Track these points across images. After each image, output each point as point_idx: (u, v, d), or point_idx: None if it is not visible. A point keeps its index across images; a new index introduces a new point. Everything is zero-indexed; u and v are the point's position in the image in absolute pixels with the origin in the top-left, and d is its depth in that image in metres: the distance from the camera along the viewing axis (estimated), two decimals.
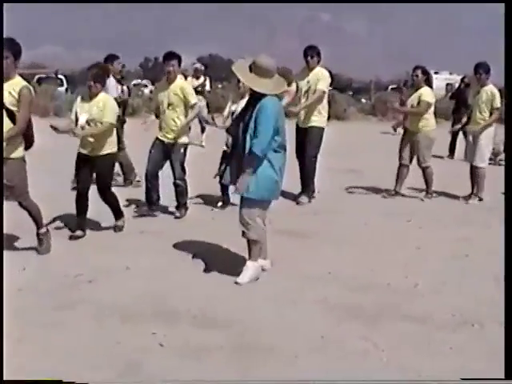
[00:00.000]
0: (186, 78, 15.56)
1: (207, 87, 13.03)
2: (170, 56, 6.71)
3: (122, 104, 7.93)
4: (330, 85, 8.15)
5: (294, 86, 7.71)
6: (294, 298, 4.42)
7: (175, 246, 5.62)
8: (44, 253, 5.25)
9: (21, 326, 3.77)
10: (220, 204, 7.33)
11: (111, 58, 8.17)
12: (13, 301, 4.03)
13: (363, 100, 27.64)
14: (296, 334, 3.82)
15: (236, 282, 4.64)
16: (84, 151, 5.84)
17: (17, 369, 3.23)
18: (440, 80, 31.81)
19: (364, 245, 5.91)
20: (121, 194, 6.61)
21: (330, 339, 3.76)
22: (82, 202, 5.88)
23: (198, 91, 12.86)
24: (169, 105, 6.65)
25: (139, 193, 7.35)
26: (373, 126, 20.09)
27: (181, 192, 6.87)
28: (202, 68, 13.64)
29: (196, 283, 4.68)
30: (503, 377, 3.16)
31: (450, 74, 37.26)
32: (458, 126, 9.54)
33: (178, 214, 6.84)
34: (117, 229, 6.15)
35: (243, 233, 4.73)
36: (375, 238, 6.17)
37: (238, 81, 6.13)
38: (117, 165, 6.84)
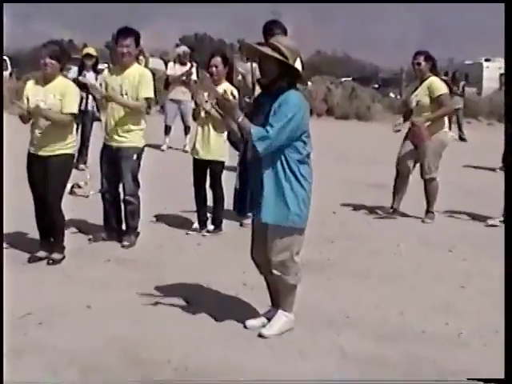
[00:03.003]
0: (166, 64, 15.72)
1: (193, 76, 13.09)
2: (124, 33, 6.54)
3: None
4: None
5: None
6: (302, 348, 4.44)
7: (149, 279, 5.64)
8: None
9: None
10: (211, 228, 7.33)
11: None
12: None
13: (392, 94, 27.79)
14: None
15: (260, 335, 4.58)
16: (32, 149, 5.89)
17: None
18: (492, 69, 31.64)
19: (392, 280, 5.93)
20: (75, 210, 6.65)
21: None
22: (42, 217, 5.94)
23: (183, 81, 12.95)
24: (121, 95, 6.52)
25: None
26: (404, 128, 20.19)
27: (131, 212, 6.77)
28: (188, 51, 13.72)
29: (176, 326, 4.69)
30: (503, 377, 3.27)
31: None
32: None
33: (125, 243, 6.68)
34: (50, 262, 6.01)
35: (277, 278, 4.57)
36: (407, 272, 6.20)
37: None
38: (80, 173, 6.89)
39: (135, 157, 6.62)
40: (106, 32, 74.06)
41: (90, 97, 10.18)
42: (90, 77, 10.62)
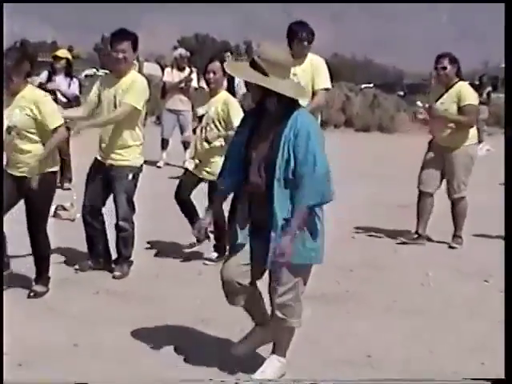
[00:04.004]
0: (163, 69, 15.78)
1: (194, 82, 13.13)
2: (119, 37, 6.50)
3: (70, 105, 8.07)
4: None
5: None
6: None
7: (142, 314, 5.65)
8: None
9: None
10: (214, 255, 7.34)
11: None
12: None
13: (419, 103, 27.76)
14: None
15: (251, 378, 4.58)
16: (12, 171, 5.91)
17: None
18: None
19: (420, 314, 5.93)
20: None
21: None
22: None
23: (182, 89, 13.01)
24: (115, 108, 6.52)
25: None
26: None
27: (124, 239, 6.77)
28: (188, 55, 13.76)
29: (170, 371, 4.69)
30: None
31: None
32: None
33: (116, 273, 6.70)
34: (31, 294, 6.00)
35: (280, 320, 4.53)
36: (436, 306, 6.20)
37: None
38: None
39: (131, 177, 6.58)
40: (96, 33, 74.74)
41: None
42: (59, 81, 10.63)
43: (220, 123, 7.02)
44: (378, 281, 6.85)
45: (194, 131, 7.34)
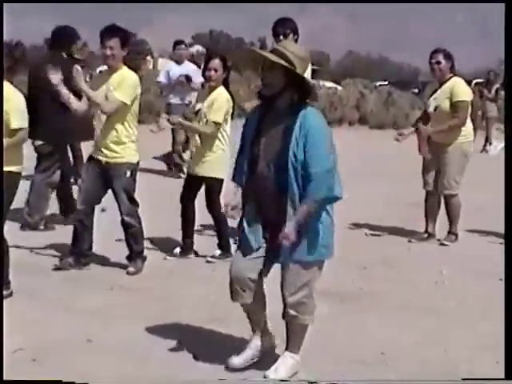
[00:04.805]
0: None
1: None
2: (108, 33, 6.52)
3: None
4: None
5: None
6: None
7: (158, 310, 5.66)
8: None
9: None
10: (218, 252, 7.32)
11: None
12: None
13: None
14: None
15: (265, 377, 4.56)
16: None
17: None
18: None
19: (435, 313, 5.91)
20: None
21: None
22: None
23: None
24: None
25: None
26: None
27: (133, 234, 6.78)
28: (203, 51, 13.65)
29: (186, 370, 4.69)
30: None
31: None
32: None
33: (131, 269, 6.73)
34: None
35: (293, 317, 4.53)
36: (451, 304, 6.18)
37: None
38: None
39: (128, 174, 6.61)
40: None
41: None
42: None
43: None
44: (392, 279, 6.84)
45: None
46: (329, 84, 31.61)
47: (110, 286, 6.29)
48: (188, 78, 12.08)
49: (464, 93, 8.04)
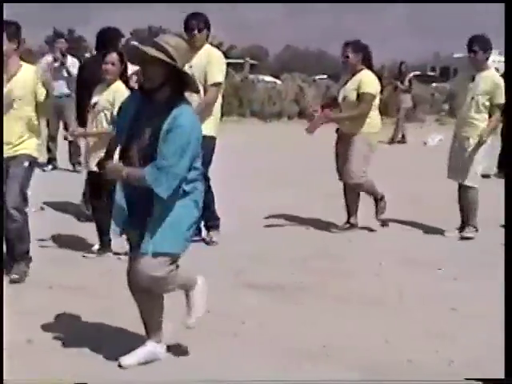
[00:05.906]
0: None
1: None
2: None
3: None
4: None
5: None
6: None
7: (108, 308, 5.59)
8: None
9: None
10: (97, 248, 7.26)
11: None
12: None
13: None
14: None
15: (120, 365, 4.59)
16: None
17: None
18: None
19: (375, 304, 5.97)
20: None
21: None
22: None
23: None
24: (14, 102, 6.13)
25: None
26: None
27: (16, 231, 6.18)
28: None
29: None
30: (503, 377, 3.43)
31: (500, 53, 37.31)
32: None
33: (14, 276, 6.19)
34: None
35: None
36: (392, 295, 6.23)
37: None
38: None
39: (27, 164, 6.19)
40: (46, 28, 73.85)
41: None
42: None
43: (109, 112, 6.97)
44: (332, 272, 6.83)
45: None
46: (268, 78, 31.72)
47: (49, 284, 6.17)
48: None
49: (370, 85, 8.18)
